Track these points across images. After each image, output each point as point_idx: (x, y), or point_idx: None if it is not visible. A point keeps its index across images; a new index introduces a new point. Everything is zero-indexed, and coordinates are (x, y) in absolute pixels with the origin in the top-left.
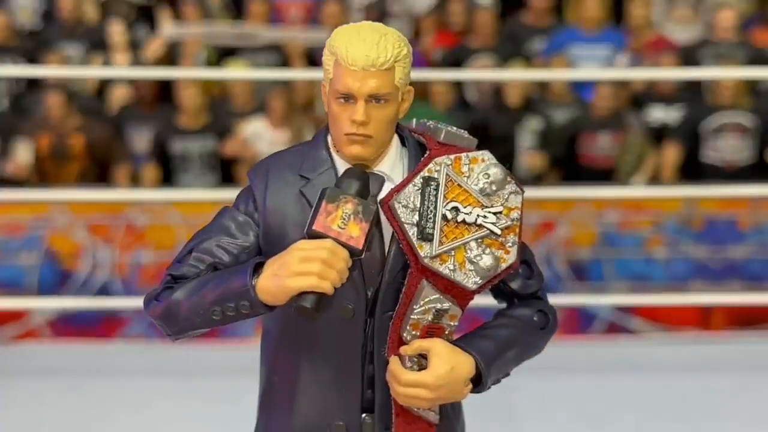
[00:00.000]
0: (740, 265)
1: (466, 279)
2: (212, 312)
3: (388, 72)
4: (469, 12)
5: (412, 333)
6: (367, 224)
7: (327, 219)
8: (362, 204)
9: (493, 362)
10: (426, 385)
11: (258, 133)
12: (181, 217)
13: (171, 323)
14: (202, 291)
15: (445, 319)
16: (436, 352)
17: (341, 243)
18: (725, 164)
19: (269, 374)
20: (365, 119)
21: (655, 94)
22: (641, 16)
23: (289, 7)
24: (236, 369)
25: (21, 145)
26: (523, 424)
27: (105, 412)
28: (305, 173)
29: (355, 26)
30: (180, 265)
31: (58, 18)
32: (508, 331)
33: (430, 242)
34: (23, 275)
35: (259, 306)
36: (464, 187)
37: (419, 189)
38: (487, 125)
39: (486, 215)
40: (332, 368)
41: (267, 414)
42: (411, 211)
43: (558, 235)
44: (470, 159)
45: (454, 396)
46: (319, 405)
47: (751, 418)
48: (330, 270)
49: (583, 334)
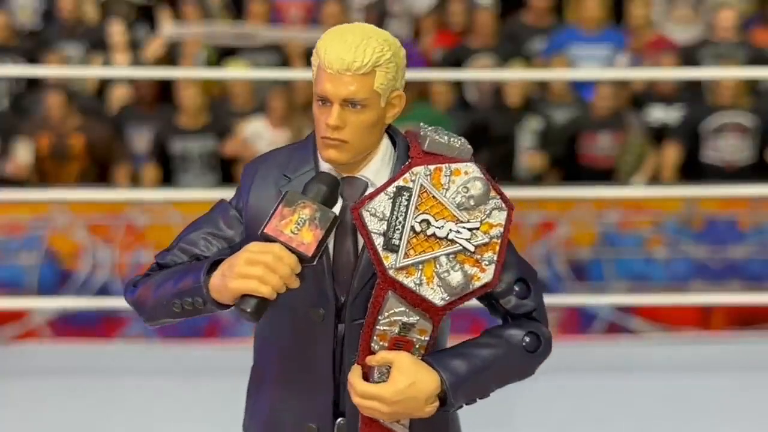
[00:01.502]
0: (740, 265)
1: (433, 294)
2: (173, 305)
3: (366, 77)
4: (469, 12)
5: (379, 343)
6: (322, 231)
7: (280, 223)
8: (320, 210)
9: (463, 382)
10: (382, 398)
11: (258, 133)
12: (181, 217)
13: (141, 311)
14: (166, 283)
15: (414, 333)
16: (398, 366)
17: (291, 248)
18: (725, 164)
19: (255, 363)
20: (339, 123)
21: (655, 94)
22: (641, 16)
23: (289, 7)
24: (236, 369)
25: (21, 145)
26: (523, 424)
27: (105, 412)
28: (288, 173)
29: (343, 28)
30: (166, 254)
31: (58, 18)
32: (489, 351)
33: (395, 253)
34: (23, 275)
35: (212, 303)
36: (439, 200)
37: (390, 198)
38: (487, 125)
39: (459, 230)
40: (305, 371)
41: (250, 411)
42: (379, 220)
43: (558, 235)
44: (452, 171)
45: (414, 412)
46: (294, 406)
47: (751, 418)
48: (272, 275)
49: (583, 334)
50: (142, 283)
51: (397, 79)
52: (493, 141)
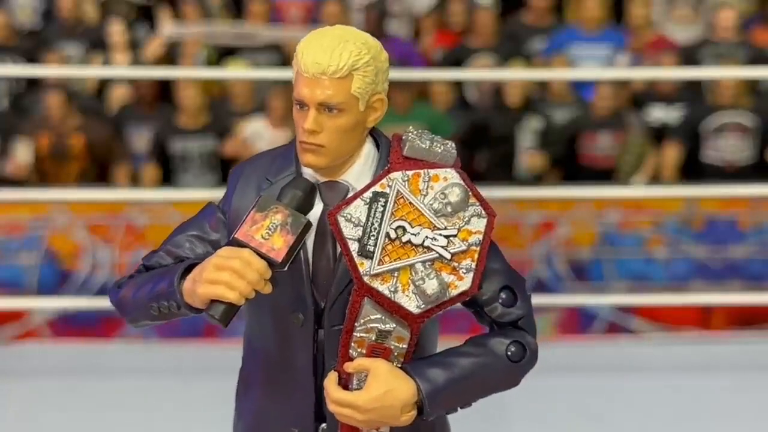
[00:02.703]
0: (740, 265)
1: (408, 302)
2: (150, 308)
3: (343, 80)
4: (469, 12)
5: (357, 350)
6: (293, 237)
7: (251, 228)
8: (293, 216)
9: (441, 392)
10: (356, 406)
11: (258, 132)
12: (181, 217)
13: (123, 312)
14: (144, 287)
15: (391, 341)
16: (374, 373)
17: (260, 254)
18: (725, 164)
19: (241, 371)
20: (314, 128)
21: (655, 93)
22: (641, 16)
23: (289, 7)
24: (236, 369)
25: (21, 145)
26: (523, 424)
27: (105, 412)
28: (270, 176)
29: (322, 31)
30: (152, 256)
31: (58, 18)
32: (470, 360)
33: (370, 260)
34: (23, 275)
35: (185, 307)
36: (416, 206)
37: (367, 204)
38: (487, 125)
39: (436, 237)
40: (288, 375)
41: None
42: (354, 226)
43: (558, 235)
44: (431, 176)
45: (389, 421)
46: (277, 410)
47: (751, 418)
48: (239, 280)
49: (583, 334)
50: (125, 284)
51: (378, 82)
52: (493, 141)
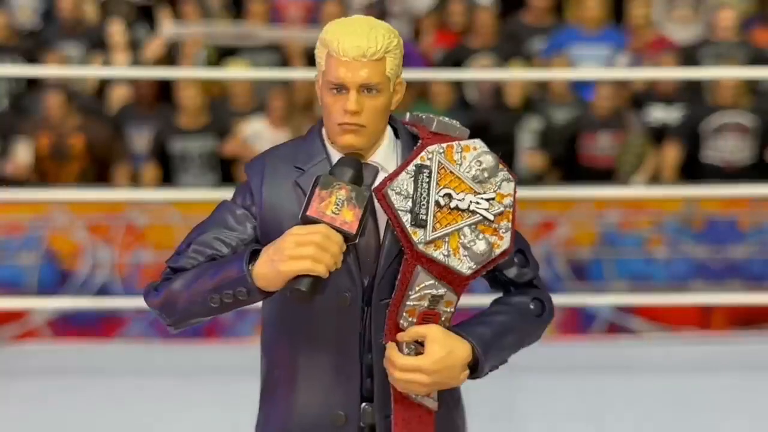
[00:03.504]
0: (740, 265)
1: (461, 264)
2: (210, 299)
3: (379, 62)
4: (469, 12)
5: (408, 319)
6: (361, 210)
7: (321, 205)
8: (355, 190)
9: (490, 348)
10: (422, 369)
11: (258, 132)
12: (181, 217)
13: (170, 312)
14: (200, 279)
15: (441, 305)
16: (432, 338)
17: (335, 228)
18: (725, 164)
19: (269, 366)
20: (357, 108)
21: (655, 94)
22: (641, 16)
23: (289, 7)
24: (236, 369)
25: (21, 145)
26: (523, 424)
27: (105, 412)
28: (300, 165)
29: (347, 19)
30: (179, 258)
31: (58, 18)
32: (504, 317)
33: (423, 228)
34: (23, 275)
35: (256, 292)
36: (457, 174)
37: (412, 176)
38: (487, 125)
39: (479, 201)
40: (331, 358)
41: (268, 406)
42: (404, 198)
43: (558, 235)
44: (462, 147)
45: (451, 381)
46: (319, 395)
47: (751, 418)
48: (324, 253)
49: (583, 334)
50: (165, 286)
51: (400, 66)
52: (493, 141)
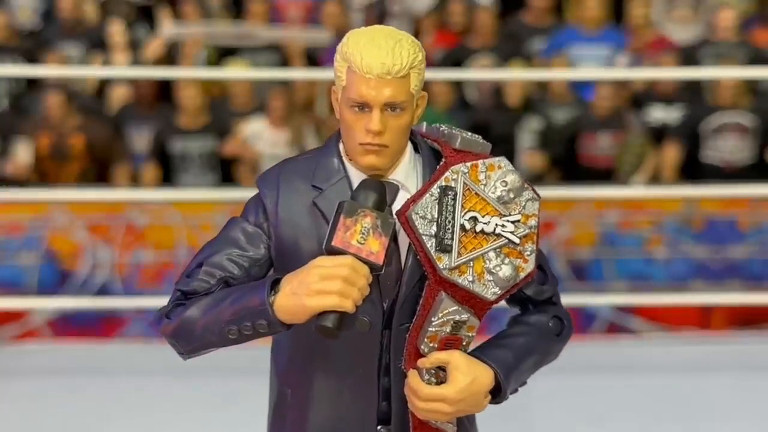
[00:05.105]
0: (740, 265)
1: (485, 290)
2: (228, 331)
3: (404, 79)
4: (469, 12)
5: (429, 345)
6: (387, 238)
7: (346, 234)
8: (381, 217)
9: (512, 372)
10: (446, 398)
11: (258, 133)
12: (181, 217)
13: (184, 342)
14: (217, 309)
15: (463, 330)
16: (455, 365)
17: (361, 259)
18: (725, 164)
19: (281, 387)
20: (381, 128)
21: (655, 94)
22: (641, 16)
23: (289, 7)
24: (236, 369)
25: (21, 145)
26: (523, 424)
27: (105, 412)
28: (318, 183)
29: (369, 31)
30: (189, 280)
31: (58, 18)
32: (524, 339)
33: (449, 253)
34: (23, 275)
35: (277, 325)
36: (482, 196)
37: (437, 199)
38: (487, 125)
39: (504, 224)
40: (348, 381)
41: (280, 427)
42: (429, 222)
43: (558, 235)
44: (487, 166)
45: (474, 408)
46: (335, 418)
47: (751, 418)
48: (351, 288)
49: (583, 334)
50: (177, 313)
51: (423, 79)
52: (493, 141)
